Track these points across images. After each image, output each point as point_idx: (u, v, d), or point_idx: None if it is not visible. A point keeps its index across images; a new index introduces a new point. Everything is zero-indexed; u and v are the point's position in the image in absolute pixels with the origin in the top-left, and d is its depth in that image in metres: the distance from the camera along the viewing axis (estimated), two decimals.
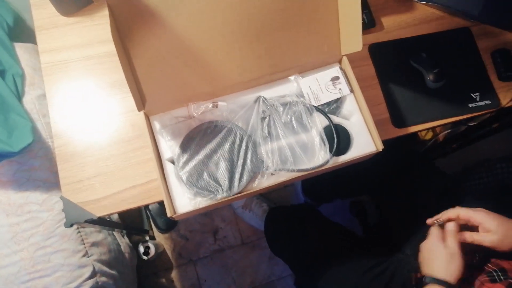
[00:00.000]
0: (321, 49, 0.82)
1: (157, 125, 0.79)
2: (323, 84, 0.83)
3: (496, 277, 0.69)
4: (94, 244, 1.02)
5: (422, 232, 0.90)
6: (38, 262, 0.93)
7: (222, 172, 0.76)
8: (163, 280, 1.54)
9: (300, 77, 0.83)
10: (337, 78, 0.83)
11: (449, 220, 0.75)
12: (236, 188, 0.74)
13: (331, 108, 0.84)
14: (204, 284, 1.55)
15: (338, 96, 0.83)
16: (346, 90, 0.83)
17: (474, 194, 1.10)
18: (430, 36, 0.97)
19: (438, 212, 0.78)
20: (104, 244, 1.07)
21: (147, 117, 0.78)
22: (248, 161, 0.76)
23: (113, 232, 1.21)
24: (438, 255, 0.72)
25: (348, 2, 0.76)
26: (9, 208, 0.96)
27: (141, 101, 0.74)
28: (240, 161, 0.76)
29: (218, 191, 0.74)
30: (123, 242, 1.24)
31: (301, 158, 0.77)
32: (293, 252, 1.07)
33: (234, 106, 0.80)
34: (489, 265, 0.73)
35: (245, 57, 0.77)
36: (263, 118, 0.80)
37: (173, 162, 0.77)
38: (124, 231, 1.31)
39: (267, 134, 0.78)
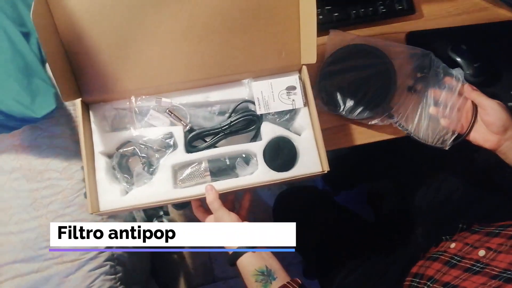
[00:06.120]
0: (279, 55, 0.77)
1: (96, 115, 0.75)
2: (276, 92, 0.77)
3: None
4: (111, 216, 1.02)
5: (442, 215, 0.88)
6: None
7: (353, 92, 0.77)
8: (175, 256, 1.55)
9: (254, 81, 0.78)
10: (293, 87, 0.77)
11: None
12: (355, 114, 0.79)
13: (282, 119, 0.78)
14: (215, 263, 1.56)
15: (290, 107, 0.77)
16: (300, 102, 0.77)
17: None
18: (472, 28, 0.93)
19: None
20: (121, 216, 1.07)
21: (85, 106, 0.74)
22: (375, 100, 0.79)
23: None
24: None
25: (306, 9, 0.71)
26: (30, 173, 0.95)
27: (70, 90, 0.69)
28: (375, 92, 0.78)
29: (340, 107, 0.79)
30: (139, 216, 1.23)
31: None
32: (301, 236, 1.06)
33: None
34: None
35: (193, 55, 0.73)
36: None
37: (108, 156, 0.74)
38: None
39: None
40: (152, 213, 1.45)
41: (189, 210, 1.58)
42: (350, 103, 0.82)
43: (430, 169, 0.99)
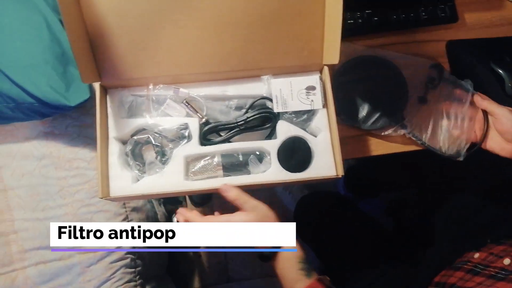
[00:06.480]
0: (301, 53, 0.74)
1: (114, 100, 0.74)
2: (295, 91, 0.74)
3: None
4: (134, 209, 1.02)
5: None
6: (81, 219, 0.94)
7: (365, 103, 0.79)
8: (191, 254, 1.55)
9: (273, 78, 0.76)
10: (313, 88, 0.74)
11: None
12: (368, 124, 0.81)
13: (299, 119, 0.76)
14: (231, 263, 1.55)
15: (308, 108, 0.75)
16: (318, 103, 0.74)
17: None
18: None
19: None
20: (143, 210, 1.07)
21: (104, 90, 0.74)
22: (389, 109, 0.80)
23: (152, 199, 1.21)
24: None
25: (333, 7, 0.68)
26: (58, 161, 0.97)
27: (90, 72, 0.69)
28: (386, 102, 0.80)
29: (353, 118, 0.80)
30: (160, 211, 1.24)
31: None
32: (321, 241, 1.04)
33: None
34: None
35: (214, 47, 0.71)
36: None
37: (122, 142, 0.74)
38: (161, 200, 1.31)
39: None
40: (172, 209, 1.45)
41: (208, 208, 1.58)
42: (362, 113, 0.82)
43: (458, 183, 0.96)
